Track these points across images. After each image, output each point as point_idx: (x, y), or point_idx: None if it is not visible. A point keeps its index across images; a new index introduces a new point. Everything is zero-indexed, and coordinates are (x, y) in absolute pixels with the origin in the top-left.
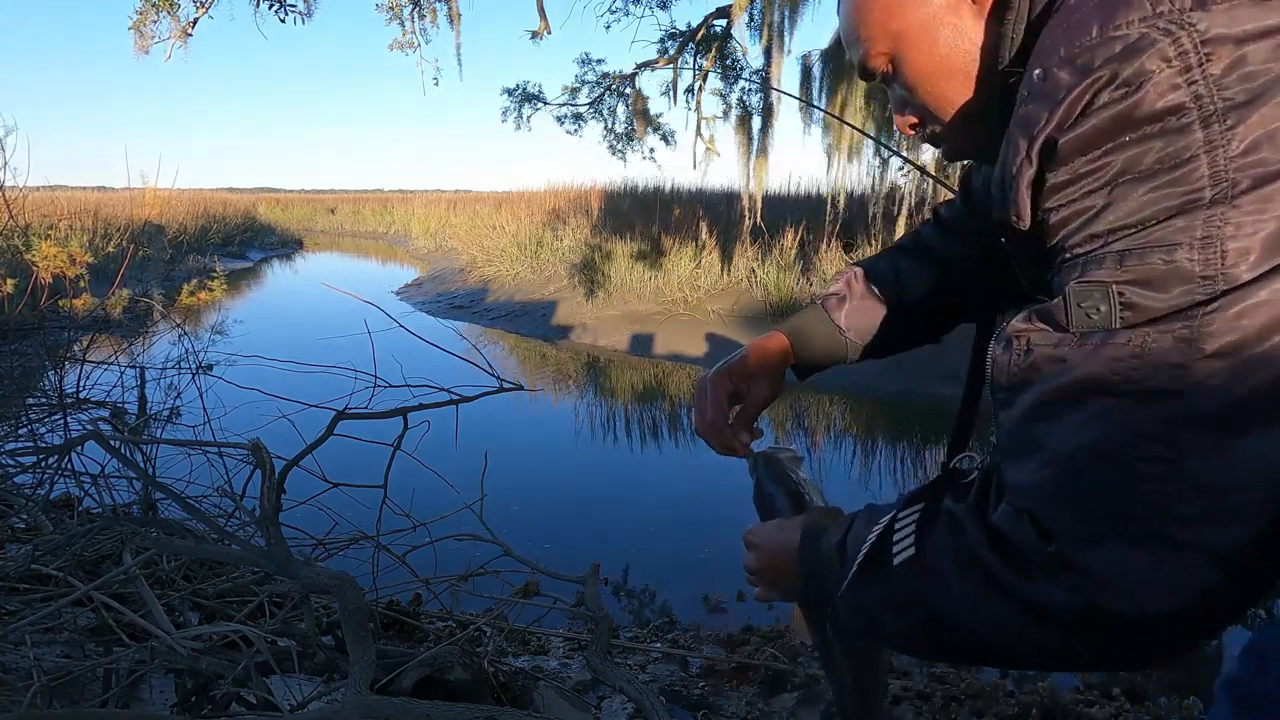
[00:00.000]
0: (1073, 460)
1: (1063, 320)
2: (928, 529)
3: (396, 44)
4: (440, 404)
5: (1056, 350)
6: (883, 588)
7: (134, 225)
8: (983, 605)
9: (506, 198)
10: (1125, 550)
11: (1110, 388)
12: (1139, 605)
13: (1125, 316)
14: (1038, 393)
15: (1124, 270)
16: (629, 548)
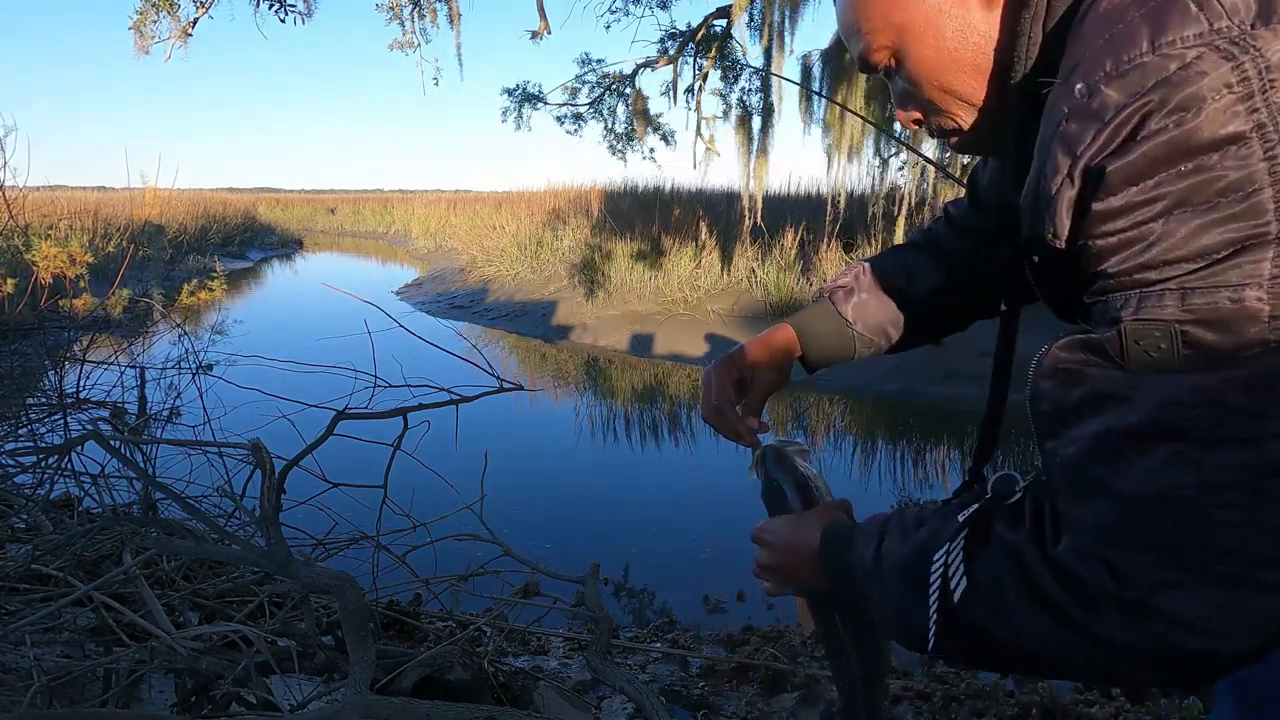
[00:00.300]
0: (1145, 505)
1: (1118, 356)
2: (979, 557)
3: (396, 44)
4: (440, 404)
5: (1114, 387)
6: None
7: (134, 225)
8: (1051, 637)
9: (506, 198)
10: (1204, 594)
11: (1180, 432)
12: (1218, 646)
13: (1188, 356)
14: (1098, 432)
15: (1187, 309)
16: (629, 548)
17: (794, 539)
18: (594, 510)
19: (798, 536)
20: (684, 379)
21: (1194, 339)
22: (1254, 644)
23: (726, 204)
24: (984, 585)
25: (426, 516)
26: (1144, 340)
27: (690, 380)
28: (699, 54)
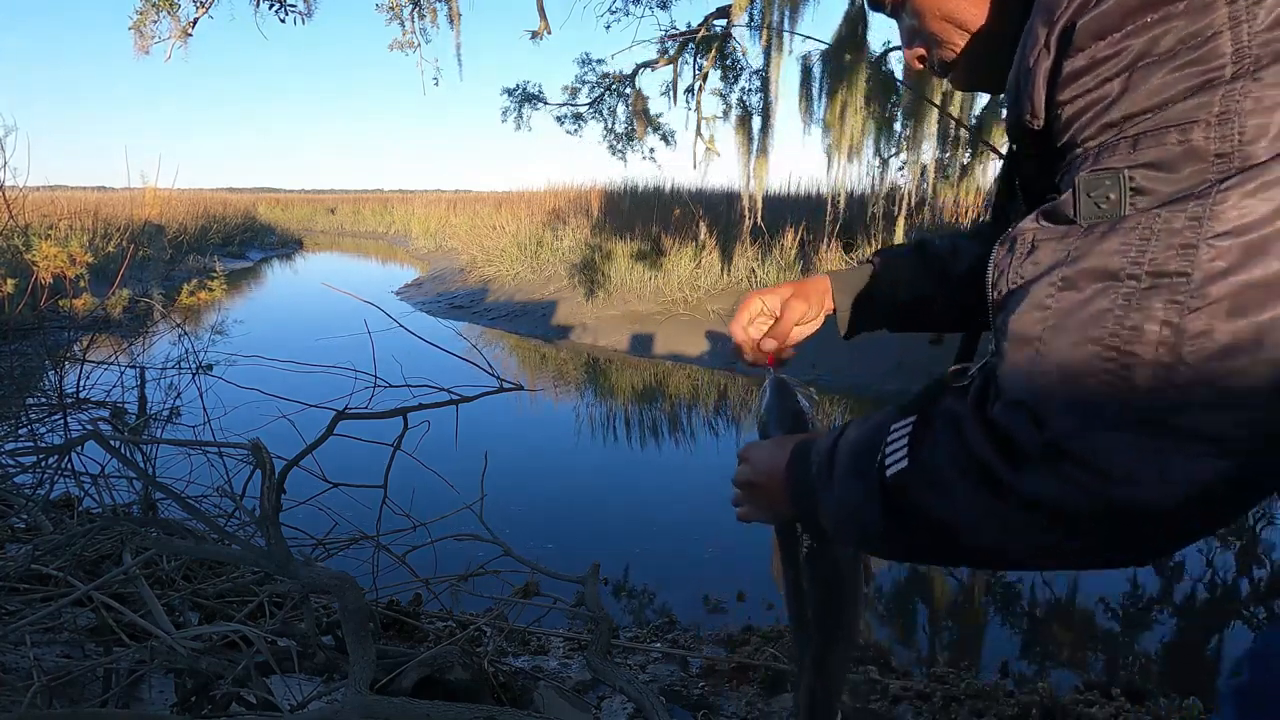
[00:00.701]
0: (1072, 349)
1: (1070, 213)
2: (923, 436)
3: (396, 44)
4: (440, 404)
5: (1062, 243)
6: (876, 496)
7: (134, 225)
8: (977, 503)
9: (506, 198)
10: (1124, 438)
11: (1114, 273)
12: (1135, 495)
13: (1135, 202)
14: (1039, 285)
15: (1137, 154)
16: (629, 548)
17: (771, 456)
18: (594, 510)
19: (775, 454)
20: (684, 379)
21: (1140, 183)
22: (1179, 496)
23: (726, 204)
24: (924, 462)
25: (426, 516)
26: (1094, 191)
27: (690, 380)
28: (699, 54)
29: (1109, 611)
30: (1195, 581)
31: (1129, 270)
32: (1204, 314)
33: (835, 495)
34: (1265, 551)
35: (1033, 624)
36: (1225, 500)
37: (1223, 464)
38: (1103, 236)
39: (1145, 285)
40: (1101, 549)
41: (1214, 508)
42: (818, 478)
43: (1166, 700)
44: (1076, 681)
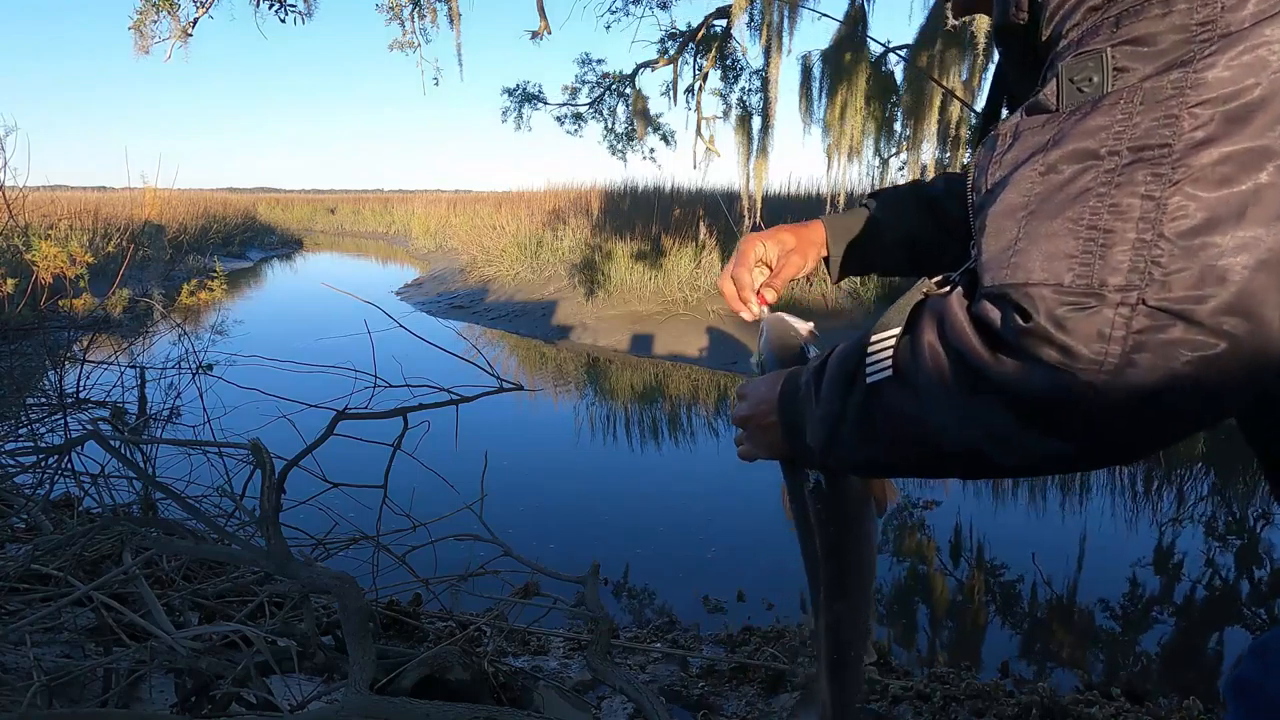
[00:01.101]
0: (1052, 231)
1: (1053, 103)
2: (904, 341)
3: (396, 44)
4: (440, 404)
5: (1043, 131)
6: (857, 403)
7: (134, 225)
8: (956, 397)
9: (506, 198)
10: (1100, 315)
11: (1095, 151)
12: (1153, 387)
13: (1117, 80)
14: (1019, 173)
15: (1120, 31)
16: (629, 548)
17: (766, 389)
18: (594, 510)
19: (770, 387)
20: (684, 379)
21: (1123, 62)
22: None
23: (726, 204)
24: (904, 364)
25: (426, 516)
26: (1078, 75)
27: (690, 380)
28: (699, 54)
29: (1109, 611)
30: (1195, 582)
31: (1110, 147)
32: (1185, 185)
33: (818, 412)
34: (1265, 551)
35: (1033, 624)
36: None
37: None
38: (1084, 116)
39: (1127, 161)
40: (1080, 448)
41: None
42: (804, 400)
43: (1166, 700)
44: (1076, 681)
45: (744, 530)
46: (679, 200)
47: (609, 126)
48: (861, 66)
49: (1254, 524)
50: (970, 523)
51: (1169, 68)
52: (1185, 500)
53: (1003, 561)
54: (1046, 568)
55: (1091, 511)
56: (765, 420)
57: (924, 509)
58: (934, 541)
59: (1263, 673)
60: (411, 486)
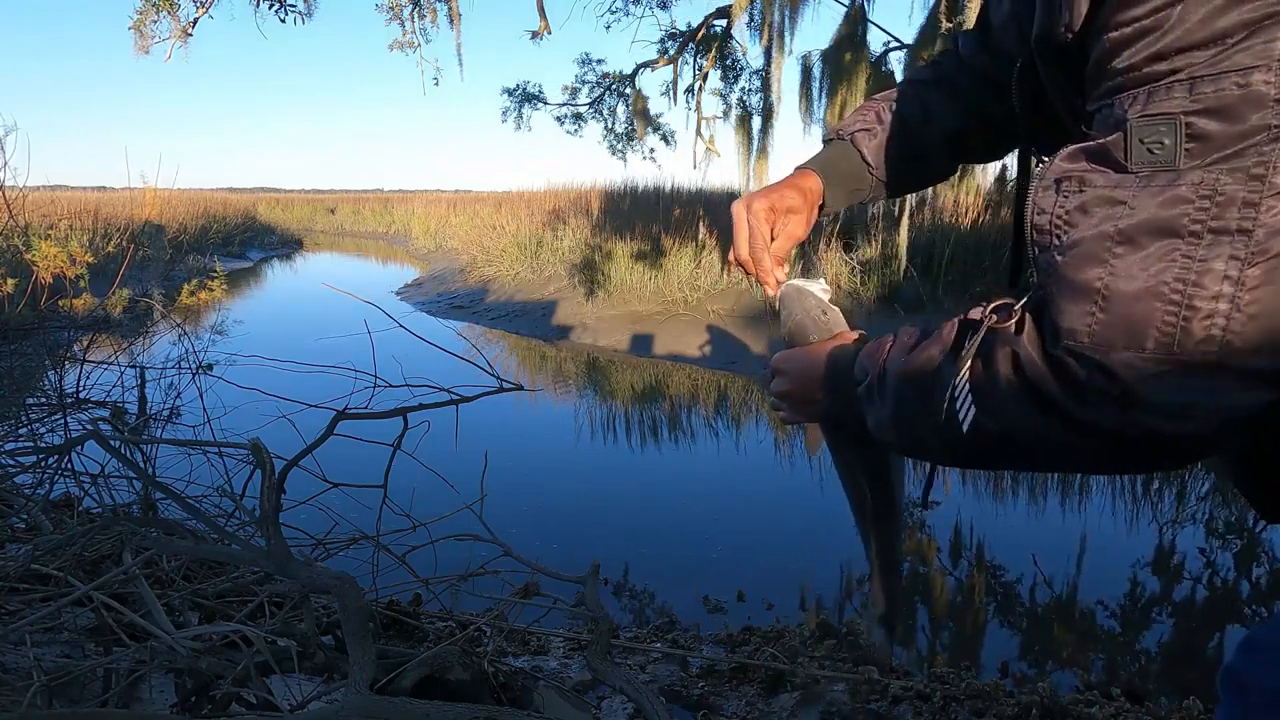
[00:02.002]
0: (1133, 303)
1: (1121, 158)
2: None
3: (396, 44)
4: (440, 404)
5: (1115, 192)
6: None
7: (134, 225)
8: (1044, 431)
9: (506, 198)
10: (1188, 383)
11: (1177, 229)
12: (1197, 430)
13: (1191, 149)
14: (1094, 235)
15: (1194, 99)
16: (629, 548)
17: (807, 364)
18: (594, 510)
19: (811, 361)
20: (684, 379)
21: (1198, 130)
22: (1223, 426)
23: (726, 204)
24: (984, 387)
25: (426, 516)
26: (1148, 137)
27: (690, 380)
28: (699, 54)
29: (1109, 611)
30: (1195, 581)
31: (1190, 228)
32: (1262, 267)
33: (888, 414)
34: (1265, 551)
35: (1033, 624)
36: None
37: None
38: (1162, 190)
39: (1207, 242)
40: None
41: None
42: (865, 396)
43: (1166, 700)
44: (1076, 681)
45: (744, 530)
46: (679, 200)
47: (609, 126)
48: (861, 66)
49: (1254, 524)
50: (970, 523)
51: (1247, 149)
52: (1185, 500)
53: (1003, 561)
54: (1046, 568)
55: (1091, 511)
56: (810, 397)
57: (924, 509)
58: (934, 541)
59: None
60: (411, 486)
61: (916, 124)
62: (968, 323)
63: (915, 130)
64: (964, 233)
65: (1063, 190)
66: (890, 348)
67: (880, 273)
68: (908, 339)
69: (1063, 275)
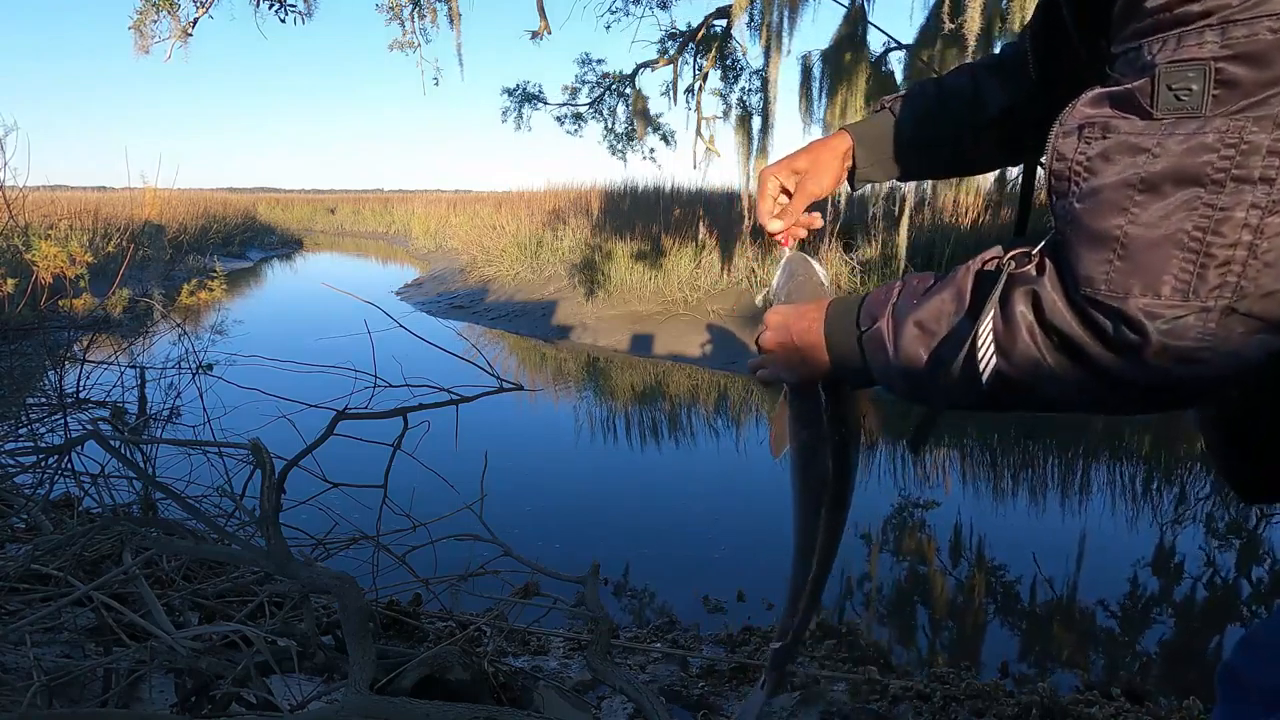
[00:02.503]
0: (1153, 250)
1: (1147, 105)
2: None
3: (396, 44)
4: (440, 404)
5: (1139, 139)
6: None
7: (134, 225)
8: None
9: (506, 198)
10: (1206, 329)
11: (1200, 177)
12: (1215, 373)
13: (1219, 96)
14: (1115, 183)
15: (1226, 44)
16: (629, 548)
17: (802, 316)
18: (594, 510)
19: (806, 313)
20: (684, 379)
21: (1228, 76)
22: (1241, 368)
23: (726, 204)
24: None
25: (426, 516)
26: (1176, 83)
27: (690, 380)
28: (699, 54)
29: (1109, 611)
30: (1195, 581)
31: (1213, 175)
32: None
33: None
34: (1265, 551)
35: (1033, 624)
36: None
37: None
38: (1188, 138)
39: (1230, 190)
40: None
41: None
42: (869, 342)
43: (1166, 700)
44: (1076, 681)
45: (744, 530)
46: (679, 200)
47: (609, 126)
48: (861, 67)
49: (1254, 524)
50: (970, 523)
51: (1277, 96)
52: (1185, 500)
53: (1003, 561)
54: (1046, 568)
55: (1091, 511)
56: (802, 347)
57: (924, 509)
58: (934, 541)
59: (1250, 664)
60: (411, 486)
61: (964, 96)
62: (985, 271)
63: (964, 107)
64: (964, 233)
65: (1084, 136)
66: (899, 292)
67: (880, 273)
68: (918, 283)
69: (1082, 222)
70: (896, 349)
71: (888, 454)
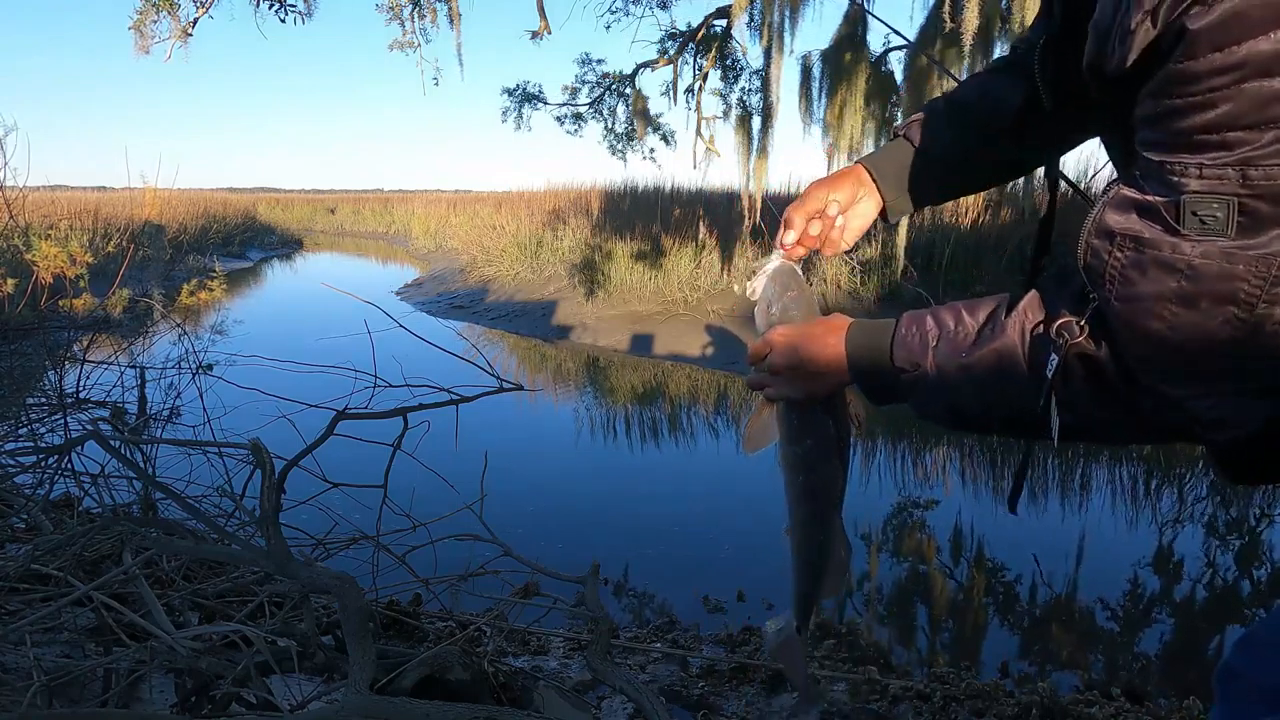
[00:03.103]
0: (1189, 346)
1: (1174, 223)
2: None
3: (396, 44)
4: (440, 404)
5: (1172, 257)
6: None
7: (134, 225)
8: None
9: (506, 198)
10: (1235, 403)
11: (1231, 297)
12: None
13: (1243, 223)
14: (1152, 294)
15: (1245, 184)
16: (629, 548)
17: (810, 339)
18: (594, 510)
19: (815, 338)
20: (684, 379)
21: (1250, 209)
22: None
23: (726, 204)
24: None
25: (426, 516)
26: (1201, 209)
27: (690, 380)
28: (699, 54)
29: (1109, 611)
30: (1195, 581)
31: (1244, 299)
32: None
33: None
34: (1265, 551)
35: (1033, 624)
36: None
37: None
38: (1223, 260)
39: (1260, 310)
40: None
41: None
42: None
43: (1166, 700)
44: (1076, 681)
45: (744, 530)
46: (679, 200)
47: (609, 126)
48: (861, 67)
49: (1254, 524)
50: (970, 523)
51: None
52: (1185, 500)
53: (1003, 561)
54: (1046, 568)
55: (1091, 511)
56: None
57: (924, 509)
58: (934, 541)
59: (1249, 663)
60: (411, 486)
61: (977, 112)
62: (1044, 337)
63: (978, 119)
64: (964, 233)
65: (1117, 244)
66: (937, 342)
67: (880, 273)
68: (960, 337)
69: (1123, 320)
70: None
71: (888, 454)
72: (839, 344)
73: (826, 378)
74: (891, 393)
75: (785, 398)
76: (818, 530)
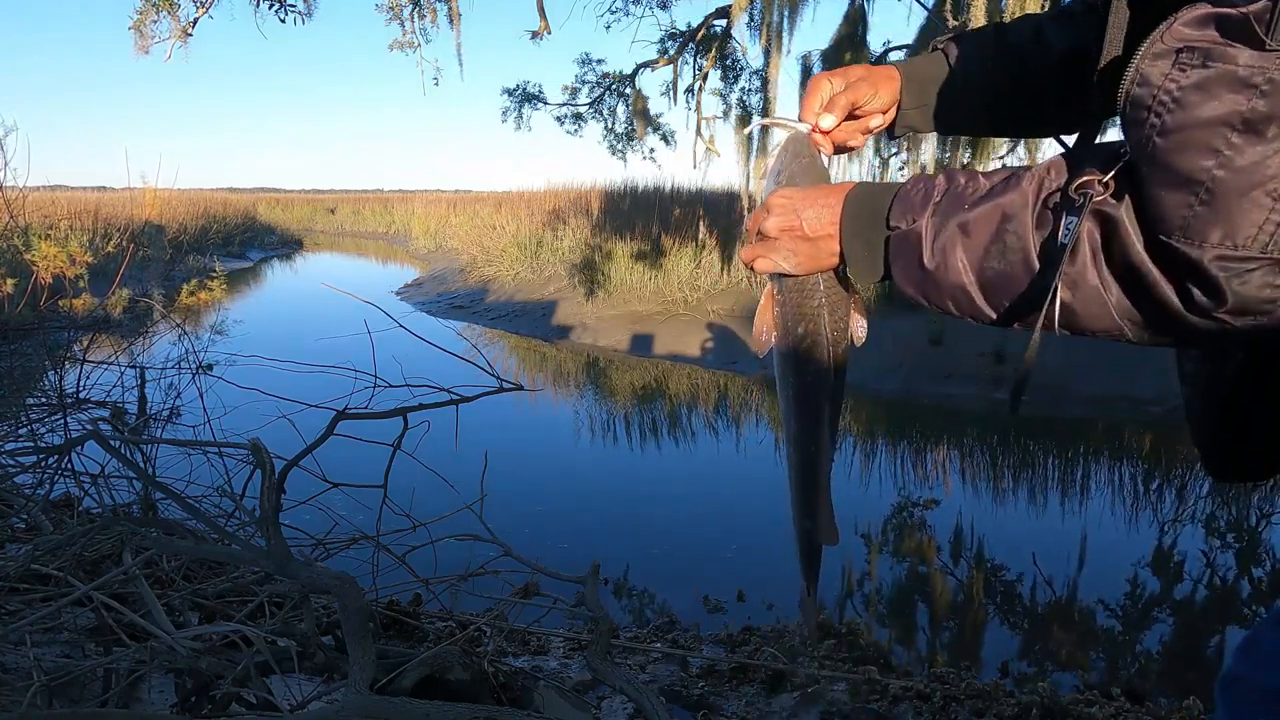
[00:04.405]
0: (1244, 196)
1: (1262, 32)
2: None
3: (396, 44)
4: (440, 404)
5: (1248, 73)
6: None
7: (134, 225)
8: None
9: (506, 198)
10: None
11: None
12: (1260, 325)
13: None
14: (1210, 119)
15: None
16: (629, 548)
17: (812, 200)
18: (594, 510)
19: (817, 198)
20: (684, 379)
21: None
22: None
23: (726, 204)
24: (1077, 273)
25: (426, 516)
26: None
27: (690, 380)
28: (699, 54)
29: (1109, 611)
30: (1195, 581)
31: None
32: None
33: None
34: (1265, 551)
35: (1033, 624)
36: None
37: None
38: None
39: None
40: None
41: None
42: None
43: (1166, 700)
44: (1076, 681)
45: (744, 530)
46: (679, 200)
47: (609, 126)
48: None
49: (1254, 524)
50: (970, 523)
51: None
52: (1185, 500)
53: (1003, 561)
54: (1046, 568)
55: (1091, 511)
56: (811, 237)
57: (924, 509)
58: (934, 541)
59: (1250, 666)
60: (411, 486)
61: (1026, 35)
62: (1065, 198)
63: (1024, 40)
64: None
65: (1179, 63)
66: (941, 198)
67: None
68: (968, 191)
69: (1162, 160)
70: (931, 256)
71: (888, 454)
72: (838, 203)
73: (820, 243)
74: (878, 260)
75: (778, 269)
76: (814, 431)
